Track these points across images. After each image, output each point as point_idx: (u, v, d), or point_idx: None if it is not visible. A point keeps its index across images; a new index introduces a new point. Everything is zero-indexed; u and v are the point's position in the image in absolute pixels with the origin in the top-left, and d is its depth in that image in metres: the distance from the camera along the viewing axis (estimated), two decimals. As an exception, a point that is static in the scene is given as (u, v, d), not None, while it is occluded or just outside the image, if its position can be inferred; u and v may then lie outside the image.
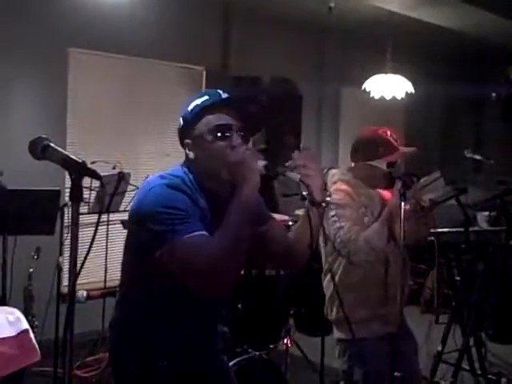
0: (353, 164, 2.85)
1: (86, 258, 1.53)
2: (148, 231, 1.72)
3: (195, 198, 1.77)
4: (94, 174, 1.57)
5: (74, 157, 1.55)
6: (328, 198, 2.39)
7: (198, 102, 1.87)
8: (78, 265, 1.55)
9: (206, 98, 1.87)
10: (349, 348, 2.73)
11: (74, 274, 1.52)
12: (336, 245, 2.63)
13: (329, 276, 2.78)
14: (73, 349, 1.68)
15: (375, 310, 2.67)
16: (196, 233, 1.67)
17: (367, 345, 2.65)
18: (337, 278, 2.71)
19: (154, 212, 1.70)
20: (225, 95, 1.87)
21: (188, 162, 1.88)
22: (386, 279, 2.70)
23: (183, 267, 1.67)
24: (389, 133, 2.78)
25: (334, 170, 2.88)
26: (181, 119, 1.92)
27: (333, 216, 2.61)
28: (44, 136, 1.63)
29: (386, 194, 2.82)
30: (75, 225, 1.52)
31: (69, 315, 1.54)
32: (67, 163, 1.55)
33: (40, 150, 1.58)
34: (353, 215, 2.63)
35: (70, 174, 1.54)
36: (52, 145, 1.60)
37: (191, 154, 1.86)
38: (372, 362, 2.66)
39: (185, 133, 1.89)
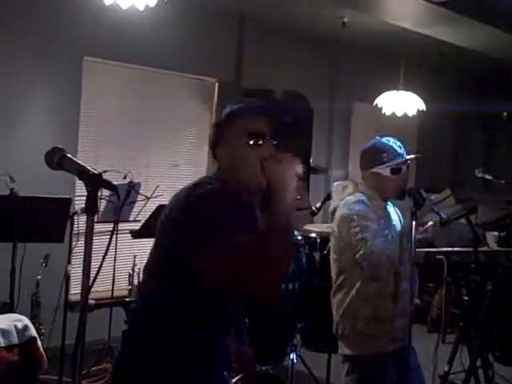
0: (362, 173, 2.87)
1: (100, 268, 1.52)
2: (188, 241, 1.68)
3: (234, 206, 1.73)
4: (109, 186, 1.58)
5: (90, 168, 1.56)
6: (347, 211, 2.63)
7: (231, 109, 1.85)
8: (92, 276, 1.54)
9: (240, 105, 1.86)
10: (359, 365, 2.70)
11: (87, 285, 1.51)
12: (357, 257, 2.59)
13: (344, 290, 2.74)
14: (77, 359, 1.66)
15: (388, 325, 2.65)
16: (243, 237, 1.64)
17: (379, 361, 2.64)
18: (354, 291, 2.69)
19: (198, 220, 1.67)
20: (259, 103, 1.89)
21: (221, 172, 1.85)
22: (398, 294, 2.68)
23: (235, 271, 1.64)
24: (392, 140, 2.80)
25: (345, 182, 2.90)
26: (213, 127, 1.90)
27: (355, 227, 2.60)
28: (60, 147, 1.64)
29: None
30: (90, 236, 1.52)
31: (80, 326, 1.53)
32: (83, 174, 1.55)
33: (56, 160, 1.58)
34: (374, 227, 2.62)
35: (86, 185, 1.54)
36: (68, 155, 1.60)
37: (224, 162, 1.84)
38: (384, 379, 2.64)
39: (216, 141, 1.86)
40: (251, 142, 1.78)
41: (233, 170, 1.81)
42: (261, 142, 1.78)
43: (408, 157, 2.78)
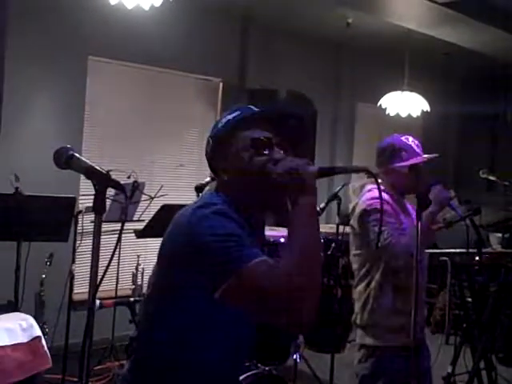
0: (377, 169, 2.89)
1: (107, 267, 1.53)
2: (198, 269, 1.46)
3: (241, 225, 1.51)
4: (117, 185, 1.58)
5: (98, 167, 1.56)
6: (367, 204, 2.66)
7: (230, 117, 1.66)
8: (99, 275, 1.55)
9: (238, 112, 1.66)
10: (373, 354, 2.74)
11: (95, 285, 1.52)
12: (375, 249, 2.63)
13: (364, 283, 2.79)
14: (84, 357, 1.66)
15: (405, 318, 2.63)
16: (260, 258, 1.41)
17: (393, 353, 2.67)
18: (373, 283, 2.74)
19: (206, 243, 1.44)
20: (258, 109, 1.68)
21: (222, 188, 1.64)
22: (417, 288, 2.71)
23: (259, 300, 1.39)
24: (410, 138, 2.84)
25: (362, 181, 2.93)
26: (209, 140, 1.68)
27: (373, 220, 2.66)
28: (68, 146, 1.64)
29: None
30: (98, 235, 1.53)
31: (88, 326, 1.54)
32: (91, 174, 1.55)
33: (64, 159, 1.58)
34: (391, 220, 2.67)
35: (94, 185, 1.54)
36: (76, 155, 1.60)
37: (226, 177, 1.63)
38: (395, 371, 2.66)
39: (216, 154, 1.66)
40: (256, 150, 1.59)
41: (237, 185, 1.61)
42: (267, 150, 1.60)
43: (426, 156, 2.82)
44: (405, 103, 5.81)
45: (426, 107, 5.85)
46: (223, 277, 1.40)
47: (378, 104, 5.88)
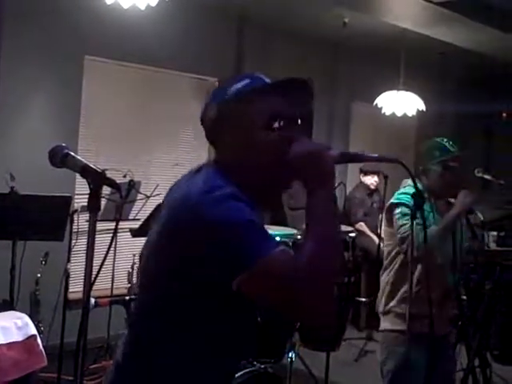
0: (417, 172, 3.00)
1: (101, 266, 1.53)
2: (211, 261, 1.32)
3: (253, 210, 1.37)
4: (112, 184, 1.58)
5: (93, 166, 1.56)
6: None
7: (240, 86, 1.47)
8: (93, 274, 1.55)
9: (248, 81, 1.49)
10: (389, 339, 2.92)
11: (89, 284, 1.52)
12: (397, 240, 2.82)
13: (387, 272, 2.97)
14: (79, 356, 1.66)
15: (419, 308, 2.71)
16: (281, 247, 1.31)
17: (405, 339, 2.73)
18: (393, 272, 2.91)
19: (225, 233, 1.30)
20: (270, 80, 1.51)
21: (225, 166, 1.45)
22: (435, 282, 2.79)
23: (284, 290, 1.29)
24: (445, 139, 2.96)
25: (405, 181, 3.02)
26: (215, 108, 1.48)
27: (398, 213, 2.82)
28: (63, 144, 1.64)
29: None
30: (92, 234, 1.53)
31: (82, 325, 1.54)
32: (86, 172, 1.55)
33: (60, 158, 1.58)
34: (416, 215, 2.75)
35: (89, 183, 1.54)
36: (71, 153, 1.60)
37: (230, 154, 1.46)
38: (401, 356, 2.74)
39: (222, 126, 1.47)
40: (275, 126, 1.42)
41: (247, 164, 1.44)
42: (286, 125, 1.44)
43: (459, 153, 2.92)
44: (400, 102, 5.83)
45: (422, 106, 5.86)
46: (244, 266, 1.29)
47: (374, 103, 5.89)
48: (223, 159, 1.48)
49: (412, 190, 2.77)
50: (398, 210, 2.83)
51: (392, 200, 2.93)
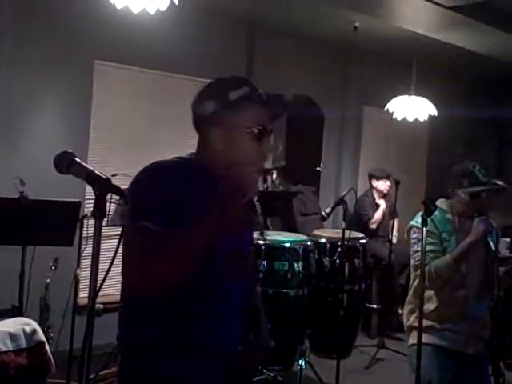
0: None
1: (108, 272, 1.52)
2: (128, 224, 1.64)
3: (185, 185, 1.69)
4: (117, 191, 1.57)
5: (98, 173, 1.55)
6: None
7: (242, 93, 1.73)
8: (99, 279, 1.54)
9: (247, 90, 1.75)
10: (412, 352, 2.90)
11: (95, 290, 1.50)
12: (411, 266, 2.96)
13: (411, 291, 3.06)
14: (84, 363, 1.65)
15: (436, 324, 2.90)
16: (146, 223, 1.56)
17: (425, 350, 2.78)
18: (411, 291, 3.03)
19: (129, 197, 1.66)
20: (262, 93, 1.77)
21: (203, 149, 1.82)
22: (452, 300, 2.89)
23: (126, 254, 1.61)
24: (478, 167, 2.94)
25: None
26: (213, 101, 1.77)
27: (414, 238, 2.90)
28: (69, 151, 1.63)
29: None
30: (98, 240, 1.51)
31: (87, 331, 1.52)
32: (92, 179, 1.55)
33: (65, 165, 1.58)
34: (432, 241, 2.85)
35: (94, 190, 1.54)
36: (77, 160, 1.60)
37: (212, 143, 1.75)
38: (432, 370, 2.82)
39: (212, 118, 1.75)
40: (256, 136, 1.70)
41: (221, 154, 1.73)
42: (263, 139, 1.71)
43: (486, 187, 2.91)
44: (412, 107, 5.78)
45: (434, 112, 5.82)
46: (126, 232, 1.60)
47: (385, 108, 5.86)
48: (203, 142, 1.83)
49: (436, 213, 2.81)
50: (414, 235, 2.90)
51: (412, 222, 2.97)
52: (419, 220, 2.81)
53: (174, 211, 1.59)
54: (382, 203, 6.32)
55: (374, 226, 6.20)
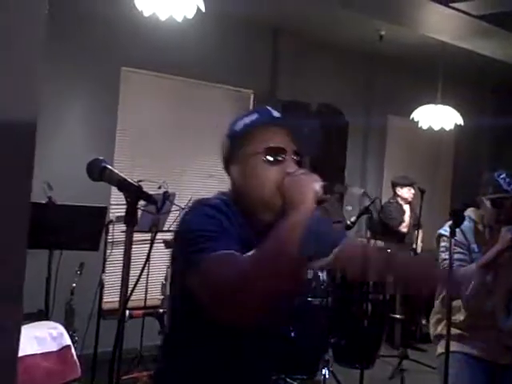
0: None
1: (138, 279, 1.52)
2: (182, 257, 1.52)
3: (235, 223, 1.56)
4: (148, 198, 1.58)
5: (130, 180, 1.56)
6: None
7: (247, 120, 1.65)
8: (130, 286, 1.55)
9: (257, 116, 1.66)
10: (438, 362, 2.94)
11: (126, 295, 1.52)
12: None
13: (438, 300, 3.07)
14: (113, 369, 1.65)
15: (463, 331, 2.88)
16: (223, 251, 1.43)
17: (455, 358, 2.80)
18: (439, 300, 3.03)
19: (186, 233, 1.53)
20: (277, 113, 1.66)
21: (231, 187, 1.69)
22: (476, 310, 2.86)
23: (203, 287, 1.43)
24: (503, 175, 2.92)
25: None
26: (226, 140, 1.70)
27: (442, 247, 2.88)
28: (101, 158, 1.65)
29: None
30: (129, 248, 1.52)
31: (118, 336, 1.53)
32: (123, 186, 1.55)
33: (98, 171, 1.59)
34: (459, 250, 2.84)
35: (126, 197, 1.55)
36: (109, 167, 1.61)
37: (237, 181, 1.66)
38: (455, 378, 2.77)
39: (230, 156, 1.68)
40: (270, 159, 1.58)
41: (247, 189, 1.61)
42: (280, 159, 1.58)
43: (506, 195, 2.87)
44: (438, 116, 5.75)
45: (460, 121, 5.78)
46: (189, 266, 1.45)
47: (411, 117, 5.83)
48: (231, 181, 1.69)
49: (466, 223, 2.83)
50: (443, 244, 2.89)
51: (441, 230, 2.95)
52: (448, 229, 2.80)
53: (238, 243, 1.50)
54: (407, 208, 6.28)
55: (405, 230, 6.16)
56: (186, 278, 1.47)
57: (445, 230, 2.90)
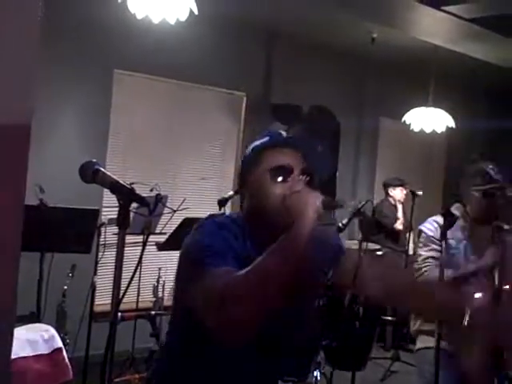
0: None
1: (130, 281, 1.53)
2: (187, 270, 1.59)
3: (242, 242, 1.62)
4: (141, 200, 1.58)
5: (123, 182, 1.56)
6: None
7: (258, 143, 1.72)
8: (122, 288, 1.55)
9: (267, 138, 1.73)
10: (416, 357, 3.01)
11: (118, 298, 1.52)
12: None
13: None
14: (105, 371, 1.66)
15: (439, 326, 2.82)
16: (223, 267, 1.47)
17: (428, 353, 2.81)
18: None
19: (192, 249, 1.59)
20: (287, 135, 1.73)
21: (243, 210, 1.73)
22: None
23: (204, 301, 1.47)
24: (490, 166, 2.92)
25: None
26: (240, 164, 1.79)
27: (420, 243, 2.91)
28: (94, 160, 1.65)
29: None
30: (121, 250, 1.53)
31: (110, 338, 1.54)
32: (116, 188, 1.56)
33: (91, 174, 1.59)
34: (436, 247, 2.81)
35: (119, 200, 1.55)
36: (102, 169, 1.61)
37: (247, 201, 1.71)
38: (430, 375, 2.78)
39: (242, 179, 1.74)
40: (276, 178, 1.63)
41: (255, 208, 1.67)
42: (287, 178, 1.63)
43: (502, 182, 2.87)
44: (429, 119, 5.78)
45: (451, 123, 5.81)
46: (191, 281, 1.51)
47: (403, 120, 5.85)
48: (243, 208, 1.73)
49: (436, 217, 2.84)
50: (421, 240, 2.90)
51: (421, 226, 2.96)
52: (427, 225, 2.84)
53: (239, 262, 1.53)
54: (400, 208, 6.31)
55: (400, 227, 6.19)
56: (188, 292, 1.52)
57: (424, 225, 2.90)
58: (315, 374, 3.67)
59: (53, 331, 2.97)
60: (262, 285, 1.42)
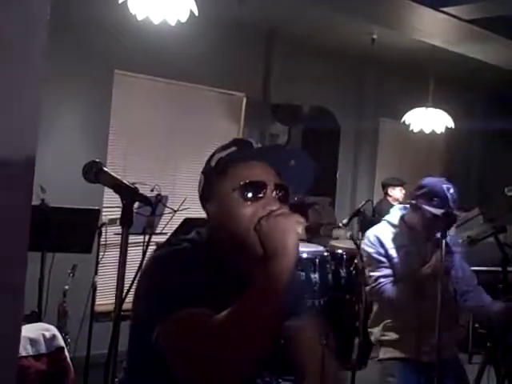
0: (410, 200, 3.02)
1: (132, 283, 1.53)
2: (141, 312, 1.45)
3: (206, 269, 1.40)
4: (144, 200, 1.60)
5: (126, 182, 1.58)
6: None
7: (224, 154, 1.49)
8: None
9: (234, 148, 1.50)
10: (379, 366, 3.02)
11: (121, 297, 1.53)
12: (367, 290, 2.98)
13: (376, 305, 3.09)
14: (109, 372, 1.67)
15: (403, 336, 2.88)
16: (188, 310, 1.30)
17: (390, 365, 2.89)
18: (376, 305, 3.05)
19: (138, 293, 1.45)
20: (257, 145, 1.52)
21: (207, 230, 1.52)
22: (419, 313, 2.85)
23: (166, 352, 1.34)
24: (446, 186, 2.86)
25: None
26: (201, 176, 1.53)
27: (365, 262, 2.96)
28: (97, 160, 1.66)
29: None
30: (124, 248, 1.54)
31: (113, 338, 1.55)
32: (119, 188, 1.57)
33: (94, 174, 1.61)
34: (381, 259, 2.85)
35: (122, 199, 1.56)
36: (105, 169, 1.63)
37: (212, 220, 1.50)
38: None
39: (205, 194, 1.51)
40: (247, 195, 1.41)
41: (222, 230, 1.47)
42: (260, 195, 1.42)
43: (452, 212, 2.83)
44: (429, 119, 5.79)
45: (451, 124, 5.82)
46: (150, 324, 1.35)
47: (402, 120, 5.87)
48: (206, 227, 1.53)
49: (383, 228, 2.90)
50: (365, 259, 2.95)
51: (364, 240, 2.99)
52: (366, 241, 2.90)
53: (205, 296, 1.34)
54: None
55: None
56: (150, 335, 1.36)
57: (364, 242, 2.95)
58: (315, 373, 3.68)
59: (55, 331, 2.98)
60: (239, 337, 1.24)
